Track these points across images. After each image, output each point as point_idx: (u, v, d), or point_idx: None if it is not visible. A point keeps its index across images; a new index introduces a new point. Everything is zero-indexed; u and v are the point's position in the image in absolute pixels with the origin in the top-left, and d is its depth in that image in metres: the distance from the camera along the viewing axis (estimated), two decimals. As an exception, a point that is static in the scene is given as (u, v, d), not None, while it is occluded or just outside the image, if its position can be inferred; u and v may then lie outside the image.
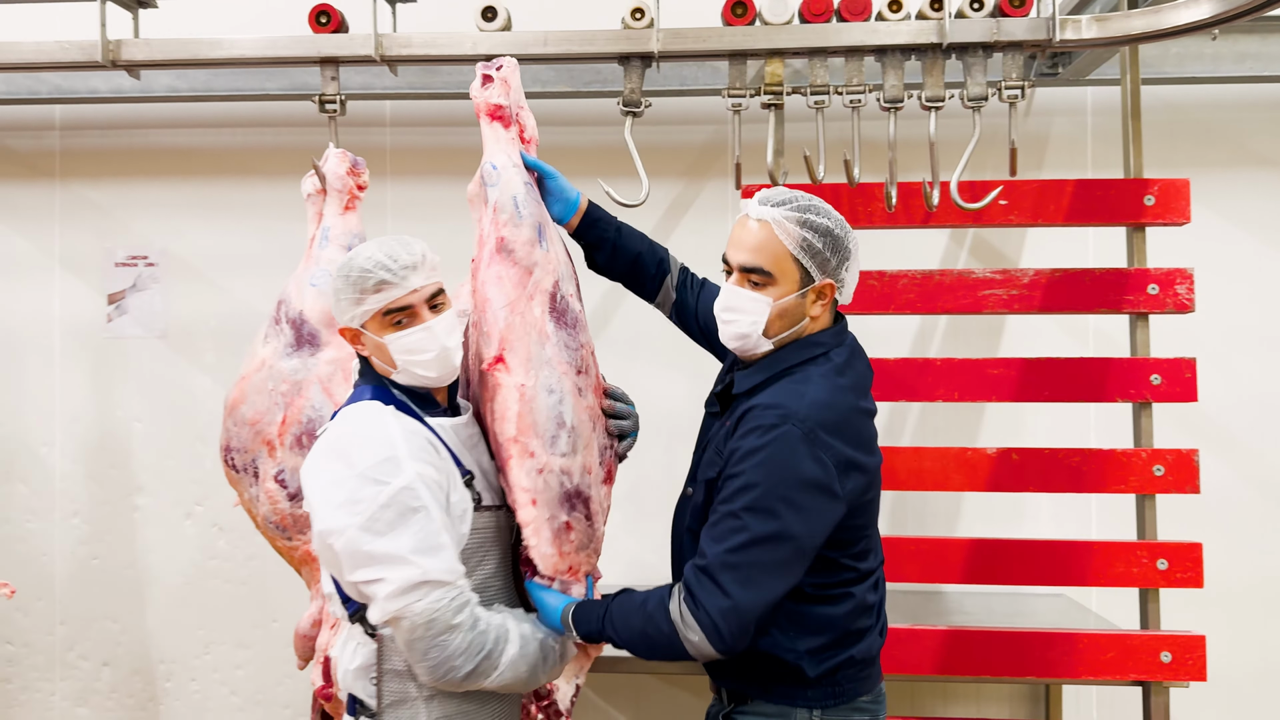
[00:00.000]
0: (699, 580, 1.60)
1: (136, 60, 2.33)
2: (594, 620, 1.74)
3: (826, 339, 1.72)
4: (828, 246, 1.66)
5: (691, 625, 1.59)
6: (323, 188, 2.28)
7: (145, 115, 3.36)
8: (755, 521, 1.57)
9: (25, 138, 3.40)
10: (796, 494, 1.58)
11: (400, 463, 1.65)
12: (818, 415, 1.60)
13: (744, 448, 1.60)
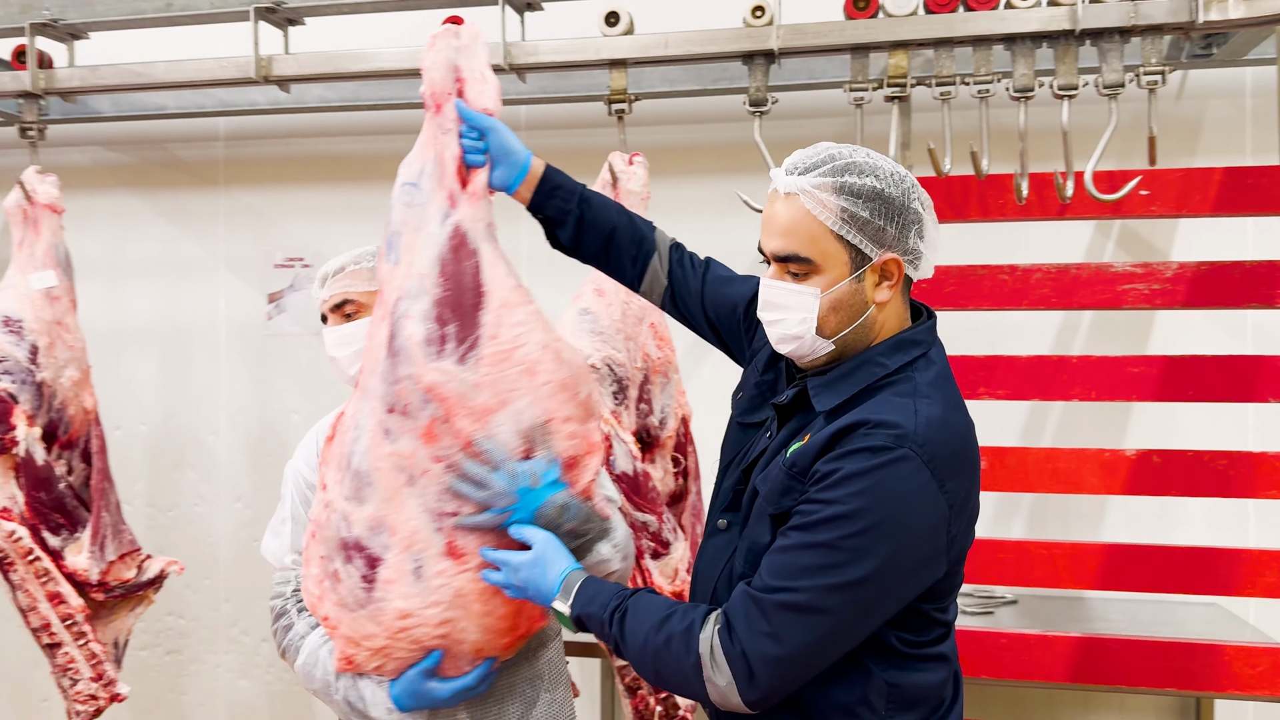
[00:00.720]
0: (748, 612, 1.29)
1: (286, 75, 2.49)
2: (601, 605, 1.39)
3: (921, 335, 1.40)
4: (880, 213, 1.33)
5: (721, 667, 1.28)
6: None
7: (300, 125, 3.56)
8: (846, 560, 1.25)
9: (193, 149, 3.66)
10: (906, 536, 1.27)
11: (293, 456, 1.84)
12: (938, 441, 1.29)
13: (844, 470, 1.27)
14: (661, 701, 2.23)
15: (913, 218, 1.36)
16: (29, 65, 2.56)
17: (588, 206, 1.64)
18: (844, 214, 1.33)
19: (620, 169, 2.34)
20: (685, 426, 2.40)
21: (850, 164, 1.34)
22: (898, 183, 1.35)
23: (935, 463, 1.28)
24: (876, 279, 1.36)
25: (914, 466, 1.27)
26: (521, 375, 1.48)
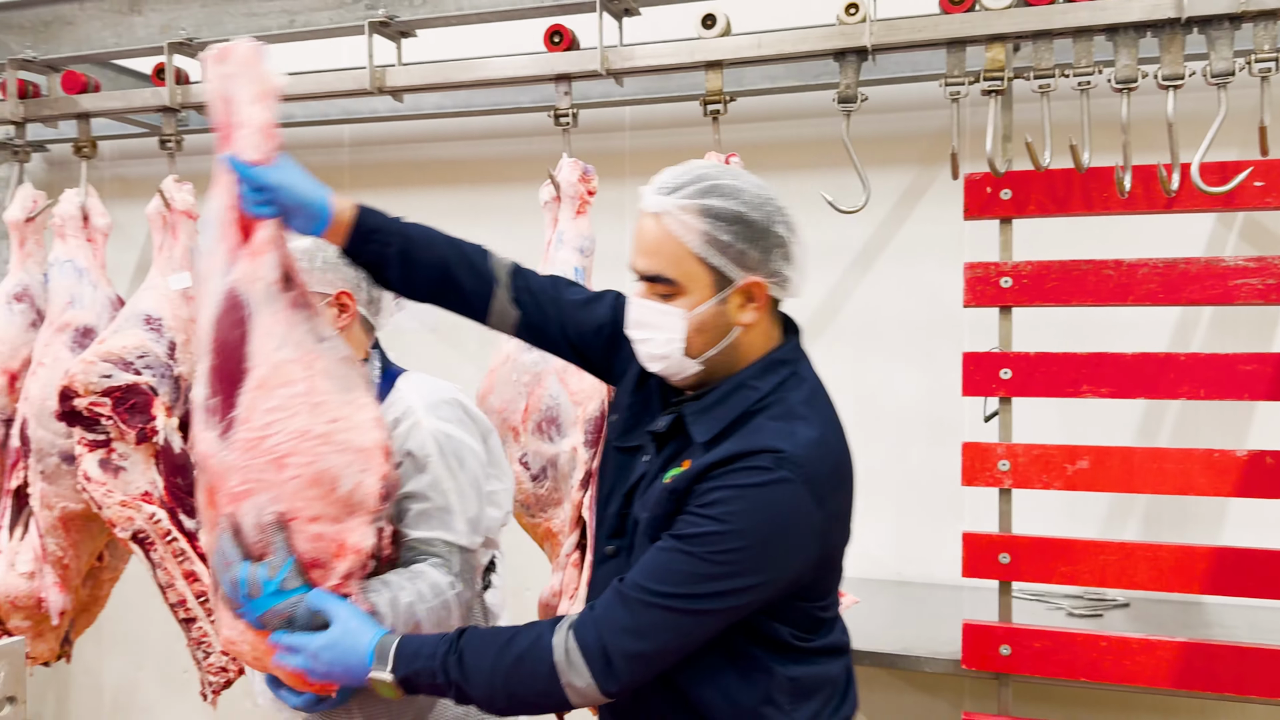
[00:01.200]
0: (612, 608, 1.31)
1: (399, 85, 2.61)
2: (429, 657, 1.35)
3: (789, 354, 1.44)
4: (742, 237, 1.35)
5: (578, 667, 1.30)
6: (558, 195, 2.46)
7: (418, 131, 3.71)
8: (719, 573, 1.29)
9: (320, 155, 3.86)
10: (781, 556, 1.31)
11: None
12: (816, 460, 1.33)
13: (725, 490, 1.30)
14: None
15: (775, 241, 1.37)
16: (167, 81, 2.76)
17: (411, 245, 1.57)
18: (707, 237, 1.34)
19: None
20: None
21: (715, 186, 1.35)
22: (760, 206, 1.36)
23: (814, 483, 1.31)
24: (741, 301, 1.37)
25: (793, 489, 1.29)
26: (267, 466, 1.39)
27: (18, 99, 2.89)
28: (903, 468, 3.24)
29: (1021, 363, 2.30)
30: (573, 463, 2.33)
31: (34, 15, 2.96)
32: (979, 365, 2.34)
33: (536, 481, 2.38)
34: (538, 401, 2.37)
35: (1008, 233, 2.35)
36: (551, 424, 2.35)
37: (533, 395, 2.37)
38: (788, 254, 1.39)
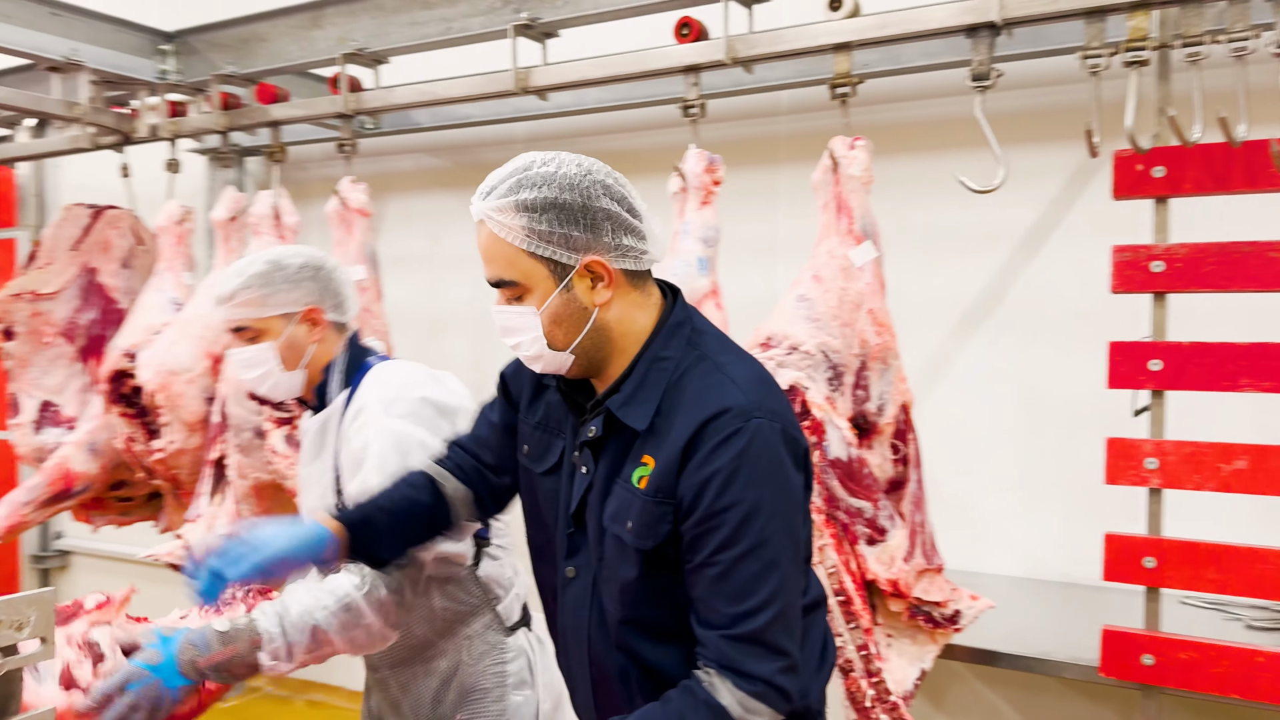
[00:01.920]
0: (741, 652, 1.28)
1: (542, 85, 2.71)
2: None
3: (679, 314, 1.41)
4: (561, 221, 1.32)
5: (755, 708, 1.28)
6: (684, 185, 2.49)
7: (585, 125, 3.84)
8: (776, 546, 1.29)
9: (497, 151, 4.06)
10: (794, 486, 1.33)
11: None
12: (762, 392, 1.34)
13: (715, 468, 1.29)
14: (874, 685, 2.23)
15: (600, 216, 1.33)
16: (341, 89, 2.99)
17: (388, 517, 1.59)
18: (527, 231, 1.32)
19: (841, 154, 2.34)
20: (906, 413, 2.35)
21: (525, 179, 1.33)
22: (574, 186, 1.33)
23: (775, 414, 1.32)
24: (589, 283, 1.35)
25: (766, 428, 1.30)
26: None
27: (221, 110, 3.21)
28: (1072, 464, 3.07)
29: (1173, 353, 2.14)
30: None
31: (234, 34, 3.28)
32: (1126, 355, 2.19)
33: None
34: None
35: (1163, 213, 2.19)
36: (675, 411, 2.39)
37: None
38: (622, 224, 1.35)
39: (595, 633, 1.45)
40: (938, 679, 3.29)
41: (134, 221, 3.58)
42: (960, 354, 3.24)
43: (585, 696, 1.51)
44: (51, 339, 3.38)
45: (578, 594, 1.47)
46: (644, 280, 1.42)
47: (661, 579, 1.37)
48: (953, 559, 3.20)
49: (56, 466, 3.28)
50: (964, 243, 3.21)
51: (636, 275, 1.40)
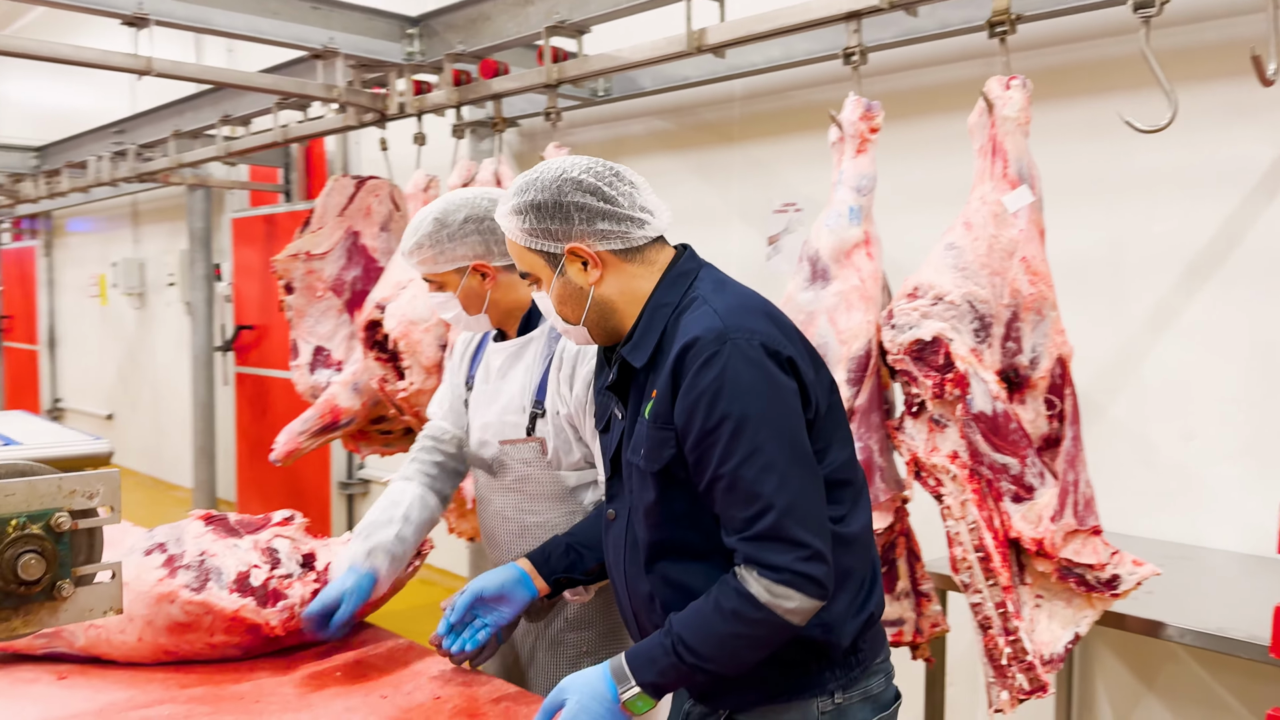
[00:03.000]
0: (761, 549, 1.40)
1: (717, 42, 2.78)
2: (660, 656, 1.44)
3: (684, 265, 1.57)
4: (541, 218, 1.53)
5: (783, 593, 1.39)
6: (842, 135, 2.49)
7: (797, 79, 3.84)
8: (770, 450, 1.40)
9: (716, 110, 4.16)
10: (780, 397, 1.43)
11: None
12: (744, 316, 1.47)
13: (700, 390, 1.42)
14: (1011, 644, 2.16)
15: (572, 209, 1.52)
16: (545, 61, 3.22)
17: (579, 541, 1.87)
18: (523, 231, 1.55)
19: (996, 94, 2.24)
20: (1063, 367, 2.23)
21: (518, 188, 1.56)
22: (547, 187, 1.53)
23: (752, 331, 1.44)
24: (579, 266, 1.55)
25: (744, 350, 1.42)
26: None
27: (452, 86, 3.55)
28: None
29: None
30: (839, 400, 2.37)
31: (464, 15, 3.61)
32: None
33: (811, 417, 2.46)
34: (810, 339, 2.44)
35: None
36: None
37: (806, 333, 2.44)
38: (595, 212, 1.52)
39: (629, 565, 1.59)
40: (1151, 658, 3.07)
41: (392, 190, 4.03)
42: (1186, 308, 2.96)
43: (631, 627, 1.65)
44: (323, 293, 3.91)
45: (617, 533, 1.62)
46: (641, 253, 1.57)
47: (678, 501, 1.50)
48: (1169, 532, 2.98)
49: (326, 402, 3.81)
50: (1191, 185, 2.92)
51: (630, 251, 1.56)
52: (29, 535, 1.08)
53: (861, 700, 1.55)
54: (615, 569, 1.65)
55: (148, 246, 8.53)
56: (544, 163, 1.60)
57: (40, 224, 10.18)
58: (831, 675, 1.52)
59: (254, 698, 1.75)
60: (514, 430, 2.01)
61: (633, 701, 1.44)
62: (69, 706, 1.71)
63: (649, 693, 1.44)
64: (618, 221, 1.54)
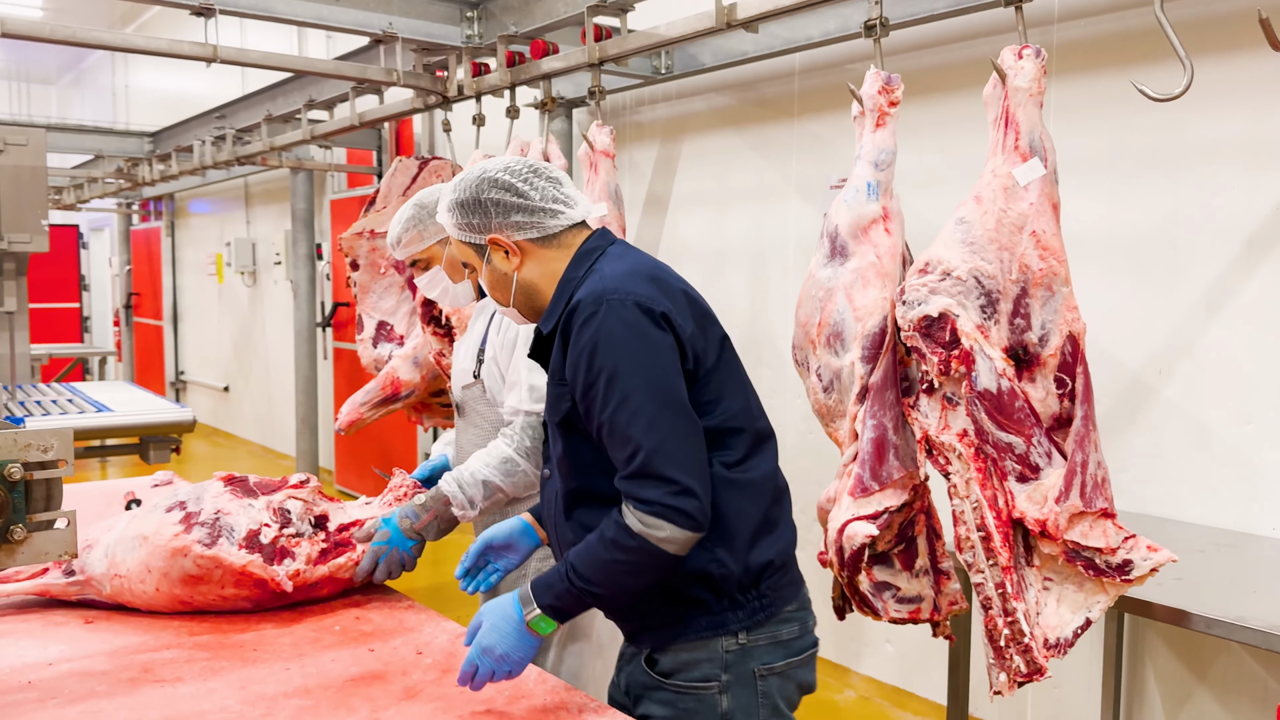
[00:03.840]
0: (633, 485, 1.54)
1: (746, 17, 2.78)
2: (557, 582, 1.59)
3: (593, 243, 1.74)
4: (465, 214, 1.73)
5: (654, 524, 1.52)
6: (862, 109, 2.46)
7: (856, 51, 3.78)
8: (639, 397, 1.53)
9: (775, 86, 4.13)
10: (651, 348, 1.56)
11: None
12: (626, 280, 1.61)
13: (579, 351, 1.58)
14: (1009, 625, 2.13)
15: (490, 206, 1.71)
16: (587, 40, 3.26)
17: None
18: (454, 226, 1.76)
19: (1008, 65, 2.18)
20: (1074, 345, 2.16)
21: (450, 187, 1.77)
22: (469, 187, 1.73)
23: (632, 295, 1.58)
24: (502, 254, 1.74)
25: (618, 310, 1.57)
26: None
27: (505, 67, 3.63)
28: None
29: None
30: (852, 376, 2.36)
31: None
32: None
33: (826, 393, 2.45)
34: (828, 316, 2.43)
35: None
36: (837, 338, 2.40)
37: (825, 310, 2.44)
38: (508, 206, 1.71)
39: (556, 515, 1.76)
40: (1204, 651, 2.96)
41: (454, 170, 4.15)
42: (1245, 286, 2.83)
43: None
44: (386, 270, 4.05)
45: (550, 488, 1.79)
46: (558, 239, 1.75)
47: (584, 451, 1.67)
48: (1223, 518, 2.86)
49: (387, 375, 3.96)
50: (1253, 157, 2.78)
51: (546, 239, 1.74)
52: (-18, 483, 1.18)
53: (769, 644, 1.67)
54: (547, 521, 1.82)
55: (259, 227, 8.95)
56: (474, 165, 1.80)
57: (165, 205, 10.78)
58: (734, 616, 1.64)
59: (253, 646, 1.87)
60: (465, 375, 2.39)
61: (535, 622, 1.59)
62: (88, 647, 1.86)
63: (549, 614, 1.59)
64: (530, 214, 1.72)
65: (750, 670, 1.66)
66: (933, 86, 3.51)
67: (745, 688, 1.66)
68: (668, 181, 4.62)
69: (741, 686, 1.66)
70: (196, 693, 1.65)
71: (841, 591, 2.52)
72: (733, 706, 1.66)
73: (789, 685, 1.72)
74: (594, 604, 1.61)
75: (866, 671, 3.96)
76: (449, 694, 1.66)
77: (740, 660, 1.65)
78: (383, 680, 1.71)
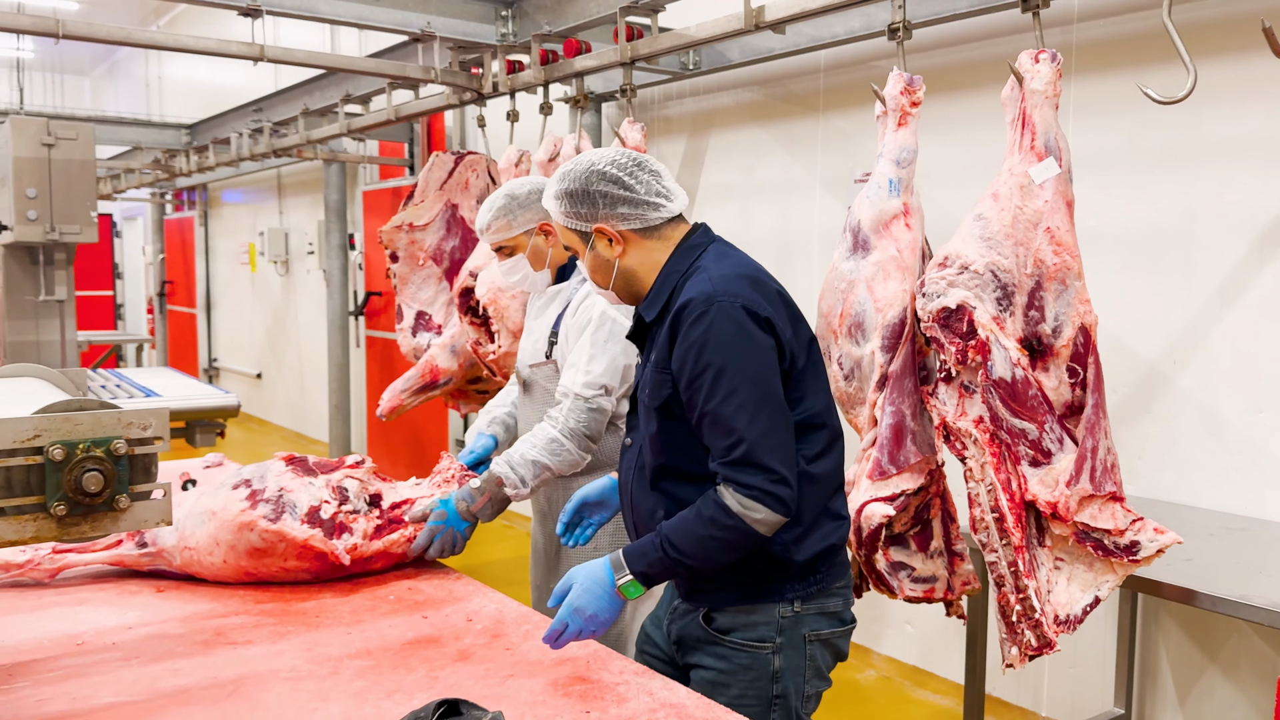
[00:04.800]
0: (735, 470, 1.70)
1: (774, 19, 2.89)
2: (650, 551, 1.74)
3: (696, 239, 1.86)
4: (573, 204, 1.85)
5: (752, 506, 1.68)
6: (885, 109, 2.57)
7: (882, 49, 3.88)
8: (745, 392, 1.68)
9: (802, 82, 4.23)
10: (754, 352, 1.70)
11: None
12: (733, 284, 1.74)
13: (689, 345, 1.72)
14: (1020, 601, 2.25)
15: (598, 198, 1.84)
16: (619, 40, 3.38)
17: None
18: (561, 214, 1.88)
19: (1025, 68, 2.29)
20: (1086, 336, 2.27)
21: (558, 176, 1.88)
22: (578, 178, 1.85)
23: (740, 299, 1.72)
24: (606, 242, 1.86)
25: (728, 311, 1.71)
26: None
27: (539, 65, 3.76)
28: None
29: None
30: (871, 365, 2.48)
31: (551, -4, 3.80)
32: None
33: (847, 381, 2.57)
34: (849, 307, 2.55)
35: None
36: (858, 328, 2.52)
37: (846, 301, 2.56)
38: (615, 198, 1.83)
39: (636, 484, 1.90)
40: (1216, 632, 3.06)
41: (489, 164, 4.28)
42: (1258, 279, 2.92)
43: (631, 535, 1.96)
44: (424, 261, 4.20)
45: (630, 457, 1.95)
46: (659, 230, 1.87)
47: (676, 433, 1.81)
48: (1235, 504, 2.96)
49: (426, 363, 4.11)
50: (1267, 153, 2.87)
51: (648, 230, 1.87)
52: (92, 457, 1.33)
53: (818, 614, 1.85)
54: (624, 487, 1.96)
55: (291, 217, 9.13)
56: (581, 154, 1.91)
57: (198, 195, 10.99)
58: (791, 588, 1.82)
59: (315, 613, 2.01)
60: (538, 355, 2.61)
61: (626, 586, 1.74)
62: (162, 613, 2.01)
63: (639, 580, 1.75)
64: (635, 206, 1.84)
65: (801, 635, 1.83)
66: (955, 84, 3.60)
67: (795, 650, 1.83)
68: (695, 175, 4.74)
69: (792, 649, 1.83)
70: (267, 654, 1.80)
71: (859, 569, 2.65)
72: (783, 666, 1.83)
73: (829, 652, 1.89)
74: (682, 573, 1.79)
75: (887, 652, 4.08)
76: (498, 657, 1.79)
77: (793, 625, 1.82)
78: (437, 644, 1.85)
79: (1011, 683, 3.61)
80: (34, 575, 2.17)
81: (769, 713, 1.83)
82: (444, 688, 1.65)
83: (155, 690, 1.64)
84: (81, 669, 1.73)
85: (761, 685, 1.82)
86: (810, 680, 1.86)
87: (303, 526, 2.13)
